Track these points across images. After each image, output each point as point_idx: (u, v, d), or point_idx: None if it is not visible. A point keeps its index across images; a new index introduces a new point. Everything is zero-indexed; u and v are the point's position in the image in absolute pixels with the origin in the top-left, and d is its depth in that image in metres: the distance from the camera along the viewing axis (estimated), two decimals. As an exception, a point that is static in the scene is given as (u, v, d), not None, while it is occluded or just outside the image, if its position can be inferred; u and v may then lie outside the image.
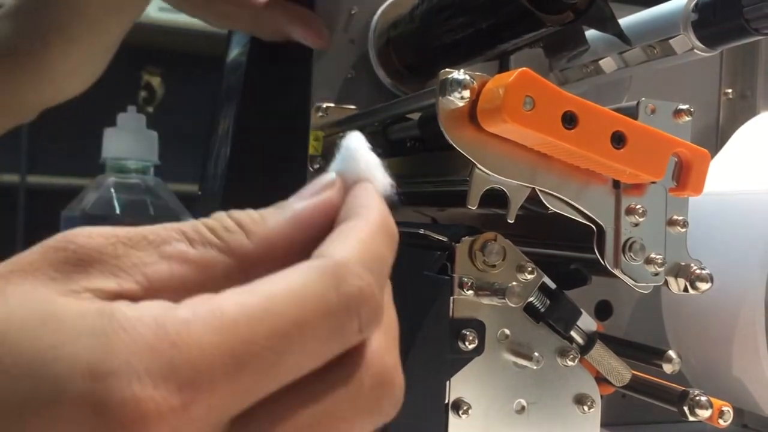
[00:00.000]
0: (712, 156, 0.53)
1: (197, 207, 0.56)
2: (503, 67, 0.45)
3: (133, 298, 0.17)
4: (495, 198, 0.33)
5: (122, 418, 0.14)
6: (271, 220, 0.19)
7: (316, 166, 0.49)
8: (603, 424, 0.51)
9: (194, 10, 0.48)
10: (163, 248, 0.18)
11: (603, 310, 0.53)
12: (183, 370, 0.15)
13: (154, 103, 2.24)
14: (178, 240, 0.18)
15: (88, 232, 0.18)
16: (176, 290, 0.17)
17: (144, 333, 0.15)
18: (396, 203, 0.21)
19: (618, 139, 0.31)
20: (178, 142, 1.43)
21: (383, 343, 0.18)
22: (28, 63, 0.53)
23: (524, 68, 0.30)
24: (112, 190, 0.58)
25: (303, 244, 0.19)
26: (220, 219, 0.19)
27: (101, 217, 0.57)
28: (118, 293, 0.17)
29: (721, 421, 0.35)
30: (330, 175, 0.20)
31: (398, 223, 0.44)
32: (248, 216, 0.19)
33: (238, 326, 0.16)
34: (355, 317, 0.17)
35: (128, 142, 0.57)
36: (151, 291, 0.17)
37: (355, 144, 0.21)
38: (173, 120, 1.80)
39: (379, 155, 0.21)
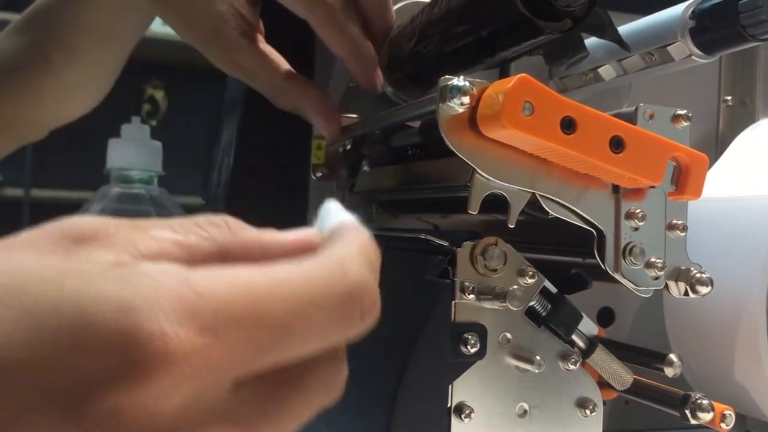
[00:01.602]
0: (712, 163, 0.53)
1: (201, 216, 0.56)
2: (504, 75, 0.46)
3: None
4: (496, 204, 0.33)
5: (149, 350, 0.15)
6: (253, 231, 0.20)
7: (319, 174, 0.49)
8: (606, 431, 0.51)
9: (211, 56, 0.45)
10: (152, 231, 0.19)
11: (605, 317, 0.53)
12: (206, 316, 0.16)
13: (158, 116, 2.26)
14: (164, 227, 0.19)
15: (82, 218, 0.18)
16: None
17: (169, 281, 0.16)
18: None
19: (617, 144, 0.32)
20: (181, 155, 1.43)
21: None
22: (31, 79, 0.54)
23: (523, 74, 0.30)
24: (116, 201, 0.58)
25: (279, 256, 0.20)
26: (206, 217, 0.20)
27: (105, 227, 0.57)
28: (116, 263, 0.17)
29: (723, 425, 0.35)
30: (312, 229, 0.21)
31: (399, 229, 0.44)
32: (232, 219, 0.20)
33: (256, 289, 0.17)
34: (357, 304, 0.18)
35: (132, 152, 0.57)
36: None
37: (333, 206, 0.22)
38: (177, 133, 1.81)
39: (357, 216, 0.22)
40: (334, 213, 0.21)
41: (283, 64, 0.46)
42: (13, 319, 0.15)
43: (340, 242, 0.19)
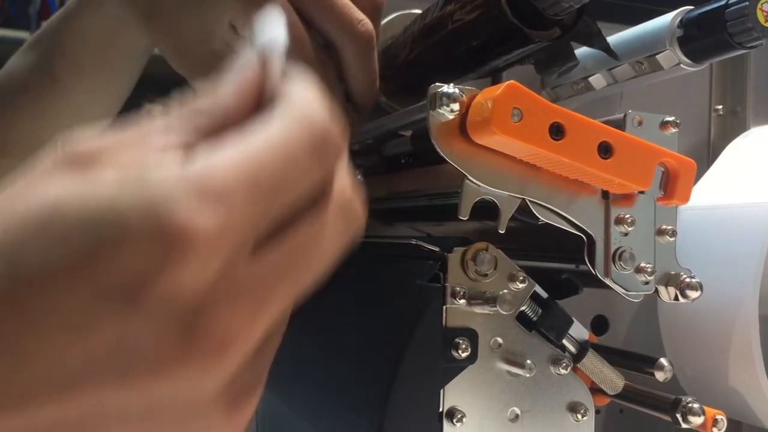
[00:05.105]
0: (704, 171, 0.53)
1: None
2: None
3: None
4: (488, 210, 0.33)
5: (176, 236, 0.17)
6: (217, 101, 0.22)
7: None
8: (601, 439, 0.51)
9: None
10: (147, 142, 0.20)
11: (599, 325, 0.53)
12: (215, 195, 0.18)
13: (156, 132, 2.26)
14: (158, 133, 0.21)
15: (82, 138, 0.20)
16: None
17: (173, 173, 0.18)
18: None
19: (605, 150, 0.32)
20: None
21: (341, 173, 0.22)
22: (40, 99, 0.54)
23: (512, 81, 0.31)
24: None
25: (251, 98, 0.22)
26: (176, 106, 0.22)
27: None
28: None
29: (715, 430, 0.35)
30: (247, 54, 0.23)
31: (393, 237, 0.45)
32: (199, 100, 0.22)
33: (248, 158, 0.19)
34: (330, 141, 0.21)
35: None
36: None
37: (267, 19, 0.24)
38: (175, 148, 1.81)
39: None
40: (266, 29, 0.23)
41: None
42: (60, 238, 0.17)
43: (293, 92, 0.21)
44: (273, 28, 0.24)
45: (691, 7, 0.40)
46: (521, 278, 0.33)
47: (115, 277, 0.17)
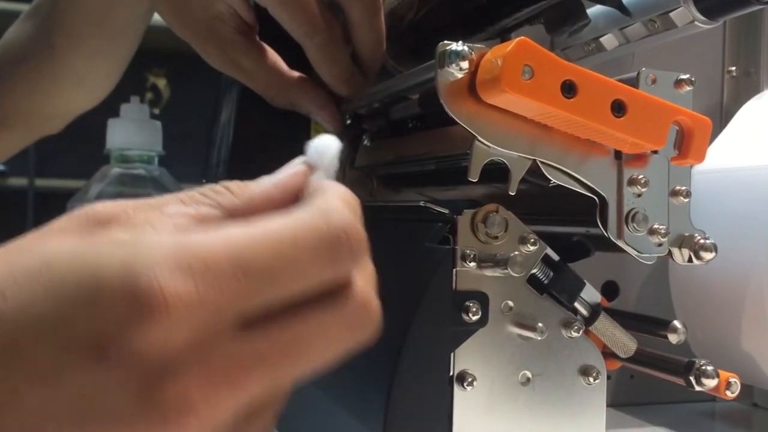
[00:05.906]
0: (717, 134, 0.52)
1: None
2: (504, 46, 0.45)
3: None
4: (498, 173, 0.33)
5: (150, 299, 0.18)
6: (252, 185, 0.24)
7: (319, 149, 0.49)
8: (612, 405, 0.51)
9: (207, 54, 0.45)
10: (164, 209, 0.22)
11: (610, 291, 0.53)
12: (198, 268, 0.18)
13: (161, 105, 2.25)
14: (176, 203, 0.22)
15: (102, 203, 0.21)
16: None
17: (165, 242, 0.19)
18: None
19: (618, 108, 0.31)
20: (184, 143, 1.43)
21: (363, 276, 0.22)
22: (38, 69, 0.53)
23: (523, 37, 0.30)
24: (117, 182, 0.58)
25: (280, 203, 0.23)
26: (209, 186, 0.23)
27: (106, 207, 0.57)
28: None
29: (728, 393, 0.34)
30: (298, 159, 0.26)
31: (400, 202, 0.44)
32: (232, 183, 0.23)
33: (243, 242, 0.19)
34: (344, 242, 0.20)
35: (132, 131, 0.57)
36: None
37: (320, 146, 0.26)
38: (180, 121, 1.80)
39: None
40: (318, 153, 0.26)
41: (281, 62, 0.45)
42: (44, 288, 0.18)
43: (321, 194, 0.22)
44: (327, 138, 0.26)
45: (706, -38, 0.39)
46: (532, 240, 0.33)
47: (87, 331, 0.18)
